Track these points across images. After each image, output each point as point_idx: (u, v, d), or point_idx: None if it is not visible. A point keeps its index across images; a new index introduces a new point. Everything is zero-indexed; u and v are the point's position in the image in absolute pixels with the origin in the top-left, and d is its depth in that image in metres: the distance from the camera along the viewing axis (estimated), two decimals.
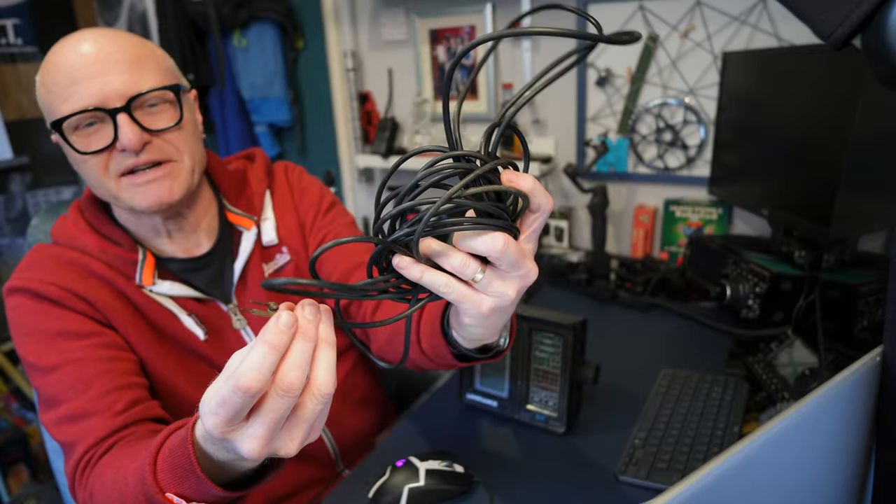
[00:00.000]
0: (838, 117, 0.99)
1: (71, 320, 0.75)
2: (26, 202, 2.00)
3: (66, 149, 0.76)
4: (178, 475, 0.54)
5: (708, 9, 1.42)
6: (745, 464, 0.34)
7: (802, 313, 1.08)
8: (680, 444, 0.83)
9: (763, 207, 1.23)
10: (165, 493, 0.55)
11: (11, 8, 1.89)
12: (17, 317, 0.76)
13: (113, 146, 0.74)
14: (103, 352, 0.75)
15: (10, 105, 1.91)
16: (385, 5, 1.88)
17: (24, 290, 0.76)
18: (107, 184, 0.76)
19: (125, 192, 0.76)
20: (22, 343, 0.75)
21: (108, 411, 0.70)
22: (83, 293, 0.76)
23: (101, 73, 0.72)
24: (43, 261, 0.79)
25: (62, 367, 0.72)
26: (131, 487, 0.59)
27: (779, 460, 0.37)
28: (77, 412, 0.70)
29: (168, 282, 0.82)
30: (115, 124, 0.72)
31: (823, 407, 0.39)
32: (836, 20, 0.37)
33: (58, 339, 0.74)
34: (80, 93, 0.71)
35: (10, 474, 1.89)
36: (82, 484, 0.67)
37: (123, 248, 0.81)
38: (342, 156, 2.14)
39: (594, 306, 1.37)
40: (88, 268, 0.79)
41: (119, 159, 0.75)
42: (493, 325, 0.53)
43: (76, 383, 0.71)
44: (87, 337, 0.75)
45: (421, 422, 0.96)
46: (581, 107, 1.64)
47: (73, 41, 0.74)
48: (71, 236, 0.81)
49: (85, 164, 0.75)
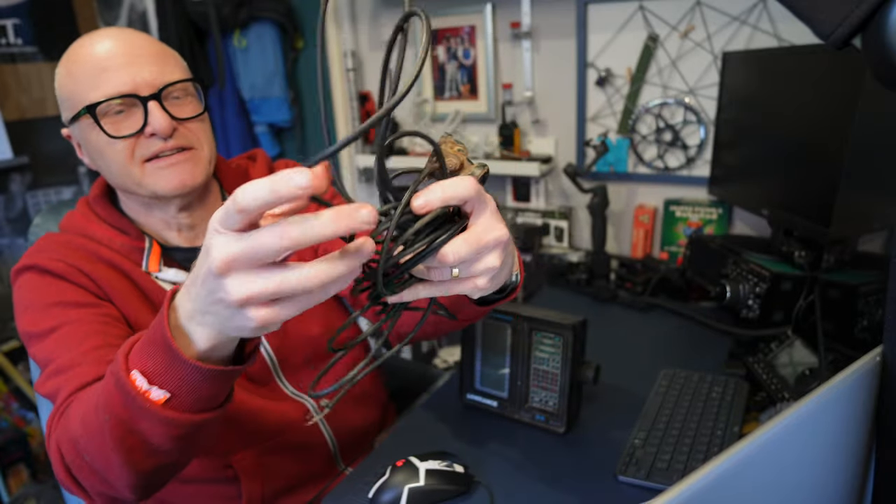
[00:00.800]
0: (838, 117, 0.99)
1: (71, 292, 0.76)
2: (26, 202, 2.00)
3: (89, 136, 0.78)
4: (148, 352, 0.52)
5: (708, 9, 1.42)
6: (745, 464, 0.34)
7: (802, 313, 1.08)
8: (680, 444, 0.83)
9: (763, 207, 1.23)
10: (130, 373, 0.52)
11: (11, 8, 1.89)
12: (23, 294, 0.78)
13: (141, 132, 0.77)
14: (100, 318, 0.75)
15: (10, 105, 1.91)
16: (385, 5, 1.88)
17: (31, 268, 0.78)
18: (131, 169, 0.79)
19: (150, 177, 0.79)
20: (24, 316, 0.76)
21: (96, 363, 0.68)
22: (89, 272, 0.78)
23: (131, 62, 0.76)
24: (52, 244, 0.81)
25: (58, 329, 0.73)
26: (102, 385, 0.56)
27: (779, 460, 0.37)
28: (65, 364, 0.69)
29: (173, 269, 0.85)
30: (146, 111, 0.76)
31: (823, 407, 0.39)
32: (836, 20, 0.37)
33: (56, 307, 0.75)
34: (113, 80, 0.75)
35: (10, 474, 1.89)
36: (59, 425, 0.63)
37: (131, 236, 0.84)
38: (342, 155, 2.14)
39: (594, 306, 1.37)
40: (97, 253, 0.81)
41: (146, 144, 0.78)
42: (498, 282, 0.53)
43: (69, 340, 0.71)
44: (86, 307, 0.76)
45: (421, 422, 0.96)
46: (581, 107, 1.64)
47: (98, 35, 0.78)
48: (79, 226, 0.84)
49: (112, 148, 0.77)
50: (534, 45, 1.67)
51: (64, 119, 0.82)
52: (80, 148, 0.84)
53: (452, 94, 1.87)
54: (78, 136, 0.82)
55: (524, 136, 1.77)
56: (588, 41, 1.58)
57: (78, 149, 0.84)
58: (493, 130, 1.81)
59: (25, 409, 1.94)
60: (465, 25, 1.77)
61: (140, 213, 0.87)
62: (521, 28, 1.65)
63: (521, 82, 1.72)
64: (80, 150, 0.84)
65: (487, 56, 1.75)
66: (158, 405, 0.52)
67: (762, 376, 0.98)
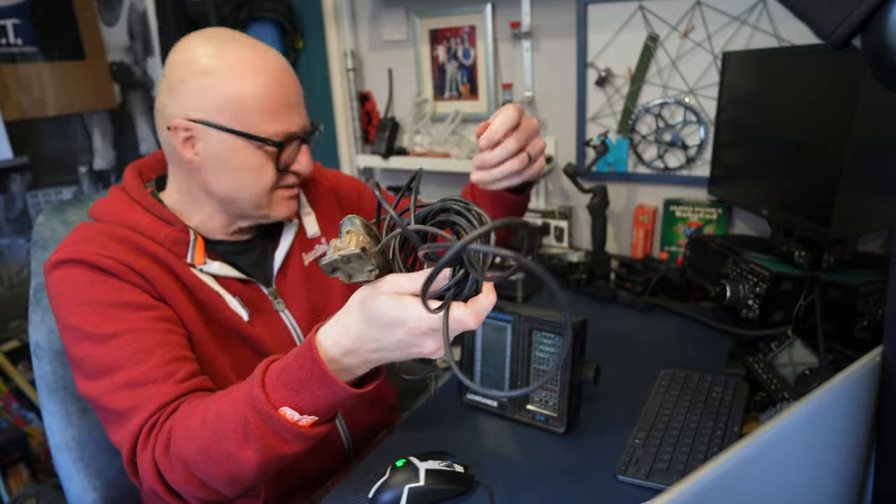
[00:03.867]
0: (838, 117, 0.99)
1: (128, 292, 0.76)
2: (26, 202, 2.00)
3: (239, 154, 0.81)
4: (292, 389, 0.62)
5: (708, 9, 1.42)
6: (745, 464, 0.34)
7: (802, 313, 1.08)
8: (680, 444, 0.83)
9: (763, 207, 1.23)
10: (279, 410, 0.63)
11: (11, 8, 1.89)
12: (69, 287, 0.76)
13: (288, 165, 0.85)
14: (161, 324, 0.76)
15: (10, 105, 1.91)
16: (385, 5, 1.88)
17: (77, 262, 0.76)
18: (267, 195, 0.85)
19: (276, 204, 0.87)
20: (75, 311, 0.75)
21: (169, 379, 0.72)
22: (139, 269, 0.78)
23: (300, 104, 0.84)
24: (94, 236, 0.79)
25: (122, 336, 0.73)
26: (230, 419, 0.64)
27: (779, 460, 0.37)
28: (138, 379, 0.71)
29: (217, 262, 0.86)
30: (297, 149, 0.85)
31: (823, 407, 0.39)
32: (835, 20, 0.37)
33: (115, 308, 0.75)
34: (293, 118, 0.83)
35: (10, 474, 1.89)
36: (148, 445, 0.69)
37: (175, 227, 0.84)
38: (342, 156, 2.14)
39: (594, 306, 1.37)
40: (140, 245, 0.80)
41: (287, 178, 0.86)
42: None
43: (136, 352, 0.72)
44: (145, 309, 0.76)
45: (421, 422, 0.96)
46: (581, 107, 1.64)
47: (273, 60, 0.81)
48: (120, 215, 0.83)
49: (261, 173, 0.83)
50: (534, 45, 1.67)
51: (204, 117, 0.78)
52: (195, 145, 0.80)
53: (452, 94, 1.87)
54: (213, 142, 0.80)
55: None
56: (588, 41, 1.58)
57: (185, 142, 0.80)
58: None
59: (25, 409, 1.94)
60: (465, 25, 1.77)
61: (187, 205, 0.87)
62: (521, 28, 1.65)
63: (521, 82, 1.72)
64: (192, 146, 0.81)
65: (487, 56, 1.75)
66: (307, 427, 0.64)
67: (762, 376, 0.98)
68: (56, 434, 0.93)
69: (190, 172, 0.84)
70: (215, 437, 0.65)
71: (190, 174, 0.84)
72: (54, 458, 0.95)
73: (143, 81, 2.30)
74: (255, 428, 0.64)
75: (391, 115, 2.00)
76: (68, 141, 2.10)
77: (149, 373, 0.72)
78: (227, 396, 0.67)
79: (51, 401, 0.93)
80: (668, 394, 0.95)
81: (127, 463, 0.71)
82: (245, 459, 0.65)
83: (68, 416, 0.93)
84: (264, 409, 0.63)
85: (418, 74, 1.89)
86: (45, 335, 0.93)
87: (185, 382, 0.73)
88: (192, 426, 0.67)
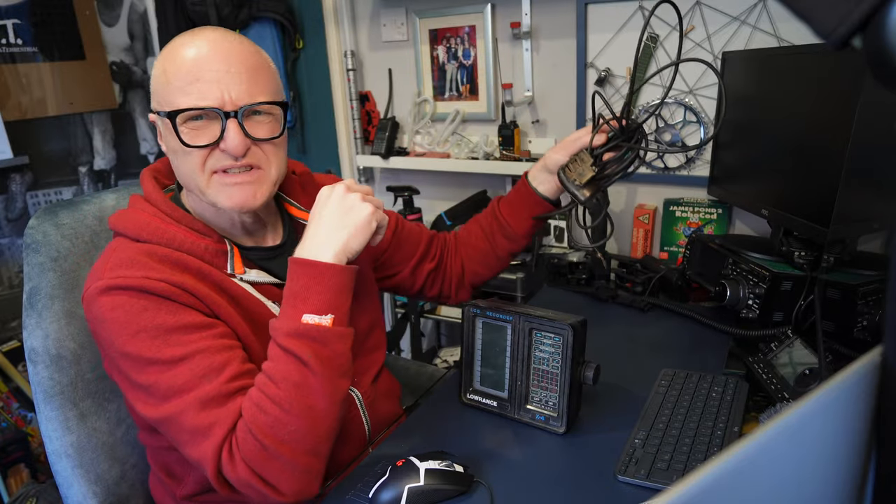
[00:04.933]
0: (838, 117, 0.99)
1: (184, 314, 0.76)
2: (26, 202, 2.00)
3: (166, 137, 0.81)
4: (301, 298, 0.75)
5: (708, 9, 1.42)
6: (745, 464, 0.34)
7: (802, 313, 1.08)
8: (680, 444, 0.83)
9: (763, 207, 1.23)
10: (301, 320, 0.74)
11: (11, 8, 1.89)
12: (121, 316, 0.74)
13: (216, 145, 0.79)
14: (222, 341, 0.77)
15: (10, 105, 1.91)
16: (385, 5, 1.88)
17: (125, 288, 0.75)
18: (198, 178, 0.80)
19: (212, 189, 0.81)
20: (132, 340, 0.74)
21: (241, 392, 0.75)
22: (190, 288, 0.77)
23: (224, 76, 0.77)
24: (135, 257, 0.77)
25: (191, 358, 0.74)
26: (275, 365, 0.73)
27: (779, 460, 0.37)
28: (213, 395, 0.73)
29: (255, 270, 0.86)
30: (223, 126, 0.78)
31: (823, 407, 0.39)
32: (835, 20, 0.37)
33: (176, 332, 0.74)
34: (203, 91, 0.76)
35: (10, 474, 1.89)
36: (235, 457, 0.72)
37: (212, 239, 0.83)
38: (342, 155, 2.14)
39: (594, 306, 1.37)
40: (182, 263, 0.79)
41: (218, 158, 0.80)
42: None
43: (208, 372, 0.73)
44: (204, 328, 0.77)
45: (421, 422, 0.96)
46: (581, 107, 1.64)
47: (200, 37, 0.78)
48: (153, 230, 0.81)
49: (186, 155, 0.79)
50: (534, 45, 1.67)
51: (152, 108, 0.83)
52: (161, 137, 0.84)
53: (452, 94, 1.87)
54: (160, 128, 0.83)
55: (524, 136, 1.77)
56: (588, 41, 1.58)
57: (159, 136, 0.84)
58: (493, 130, 1.81)
59: (25, 409, 1.94)
60: (465, 25, 1.77)
61: (208, 210, 0.86)
62: (521, 28, 1.65)
63: (521, 82, 1.72)
64: (161, 138, 0.84)
65: (487, 56, 1.75)
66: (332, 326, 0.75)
67: (762, 376, 0.98)
68: (54, 440, 0.91)
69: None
70: (274, 384, 0.72)
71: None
72: (52, 464, 0.93)
73: (143, 81, 2.30)
74: (294, 347, 0.72)
75: (391, 115, 2.00)
76: (68, 141, 2.10)
77: (222, 389, 0.73)
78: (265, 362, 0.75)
79: (48, 406, 0.91)
80: (668, 394, 0.95)
81: (213, 477, 0.72)
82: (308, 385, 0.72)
83: (66, 421, 0.92)
84: (289, 327, 0.74)
85: (418, 74, 1.89)
86: (40, 340, 0.91)
87: None
88: (254, 398, 0.72)
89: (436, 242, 1.15)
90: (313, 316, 0.74)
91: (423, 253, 1.13)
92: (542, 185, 1.08)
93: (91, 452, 0.94)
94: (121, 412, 0.99)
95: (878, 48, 0.36)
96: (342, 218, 0.79)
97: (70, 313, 0.93)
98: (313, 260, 0.76)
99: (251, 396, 0.73)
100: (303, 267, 0.77)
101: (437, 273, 1.14)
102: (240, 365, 0.77)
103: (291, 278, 0.77)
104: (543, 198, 1.08)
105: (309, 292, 0.75)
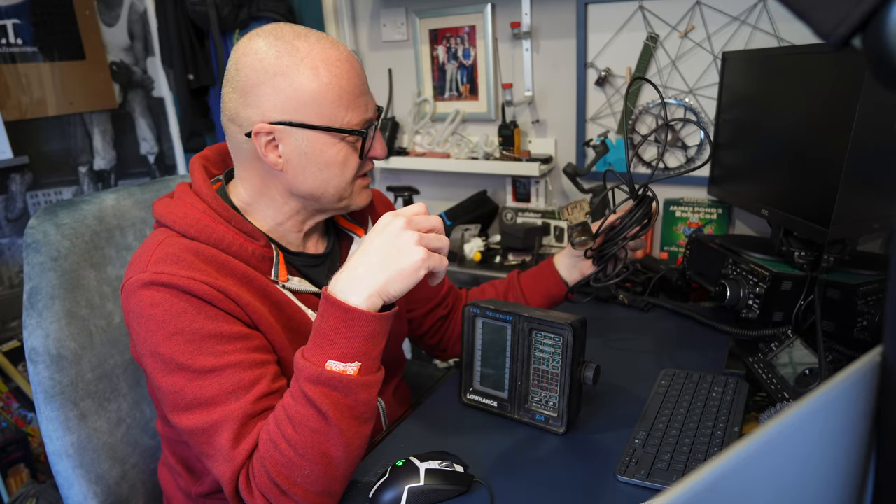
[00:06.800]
0: (838, 117, 0.99)
1: (223, 322, 0.74)
2: (26, 202, 2.00)
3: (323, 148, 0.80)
4: (329, 341, 0.70)
5: (708, 9, 1.42)
6: (745, 464, 0.34)
7: (802, 313, 1.08)
8: (680, 444, 0.83)
9: (763, 207, 1.23)
10: (324, 366, 0.69)
11: (11, 8, 1.89)
12: (160, 314, 0.72)
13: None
14: (256, 356, 0.75)
15: (10, 105, 1.91)
16: (385, 5, 1.88)
17: (168, 286, 0.73)
18: (349, 187, 0.84)
19: (358, 194, 0.86)
20: (166, 341, 0.72)
21: (266, 412, 0.74)
22: (233, 295, 0.75)
23: (368, 89, 0.83)
24: (181, 254, 0.75)
25: (221, 371, 0.72)
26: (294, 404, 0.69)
27: (779, 460, 0.37)
28: (237, 415, 0.72)
29: (297, 278, 0.85)
30: (370, 136, 0.83)
31: (823, 407, 0.39)
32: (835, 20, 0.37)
33: (211, 339, 0.73)
34: (368, 104, 0.82)
35: (10, 474, 1.89)
36: (250, 485, 0.72)
37: (260, 243, 0.82)
38: None
39: (594, 306, 1.37)
40: (228, 266, 0.77)
41: (366, 165, 0.86)
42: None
43: (236, 389, 0.72)
44: (240, 340, 0.75)
45: (421, 422, 0.96)
46: (581, 107, 1.64)
47: (340, 48, 0.80)
48: (202, 229, 0.78)
49: (344, 167, 0.82)
50: (534, 45, 1.67)
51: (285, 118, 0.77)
52: (277, 147, 0.79)
53: (452, 94, 1.87)
54: (298, 141, 0.78)
55: (524, 136, 1.77)
56: (588, 41, 1.58)
57: (267, 146, 0.78)
58: (493, 130, 1.81)
59: (25, 409, 1.94)
60: (465, 25, 1.77)
61: (263, 207, 0.84)
62: (521, 28, 1.65)
63: (521, 82, 1.72)
64: (274, 149, 0.79)
65: (487, 56, 1.75)
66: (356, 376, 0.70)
67: (762, 376, 0.98)
68: (54, 441, 0.91)
69: (272, 175, 0.81)
70: (291, 425, 0.69)
71: (271, 177, 0.82)
72: (52, 465, 0.92)
73: (143, 81, 2.30)
74: (314, 395, 0.68)
75: (391, 115, 2.00)
76: (68, 141, 2.10)
77: (248, 409, 0.72)
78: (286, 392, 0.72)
79: (48, 407, 0.90)
80: (668, 394, 0.95)
81: (231, 497, 0.72)
82: (325, 433, 0.69)
83: (67, 422, 0.91)
84: (311, 372, 0.69)
85: (418, 74, 1.89)
86: (41, 340, 0.90)
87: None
88: (272, 433, 0.70)
89: (452, 293, 1.15)
90: (338, 363, 0.69)
91: (441, 298, 1.12)
92: (565, 269, 1.12)
93: (91, 452, 0.93)
94: (121, 412, 0.99)
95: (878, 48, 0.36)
96: (388, 259, 0.71)
97: (70, 313, 0.93)
98: (345, 303, 0.70)
99: (269, 430, 0.71)
100: (334, 307, 0.70)
101: (445, 322, 1.14)
102: (269, 384, 0.75)
103: (322, 315, 0.71)
104: (564, 282, 1.12)
105: (337, 335, 0.70)
